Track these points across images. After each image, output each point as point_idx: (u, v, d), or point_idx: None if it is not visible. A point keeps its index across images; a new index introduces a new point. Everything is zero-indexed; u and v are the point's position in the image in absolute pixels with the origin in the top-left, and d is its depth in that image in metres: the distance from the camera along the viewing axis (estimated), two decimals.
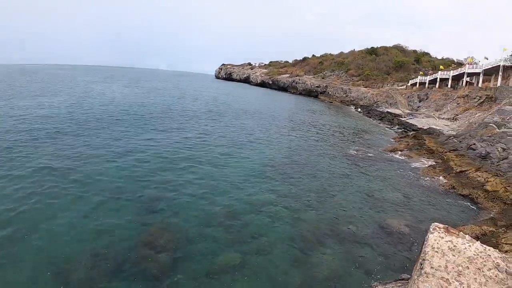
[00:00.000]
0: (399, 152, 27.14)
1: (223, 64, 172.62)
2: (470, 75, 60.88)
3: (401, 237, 11.21)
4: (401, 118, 51.84)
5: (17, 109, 26.60)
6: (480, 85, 56.07)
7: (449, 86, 64.06)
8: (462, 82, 62.01)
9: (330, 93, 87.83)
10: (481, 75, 56.71)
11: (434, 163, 23.62)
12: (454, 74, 64.34)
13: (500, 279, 2.37)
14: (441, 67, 75.32)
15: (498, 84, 49.96)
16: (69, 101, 32.06)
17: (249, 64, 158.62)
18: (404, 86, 79.56)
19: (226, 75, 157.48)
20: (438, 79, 68.05)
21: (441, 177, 20.02)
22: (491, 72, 54.88)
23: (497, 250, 2.73)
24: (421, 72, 79.93)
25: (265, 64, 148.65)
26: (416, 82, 75.76)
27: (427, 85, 70.64)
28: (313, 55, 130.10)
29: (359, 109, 66.81)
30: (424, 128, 39.21)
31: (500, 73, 50.82)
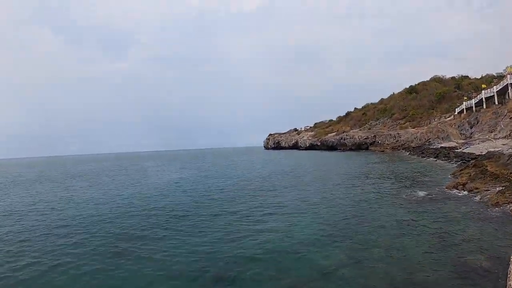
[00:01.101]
0: (462, 185, 25.39)
1: (270, 134, 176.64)
2: None
3: (480, 274, 10.36)
4: (456, 150, 50.31)
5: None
6: None
7: (496, 103, 61.92)
8: (509, 95, 59.92)
9: (379, 142, 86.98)
10: None
11: (501, 188, 21.87)
12: (498, 89, 62.41)
13: None
14: (483, 85, 73.47)
15: None
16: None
17: (295, 129, 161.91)
18: (452, 117, 77.80)
19: (275, 144, 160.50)
20: (483, 99, 66.18)
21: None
22: None
23: None
24: (464, 98, 78.21)
25: (310, 127, 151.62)
26: (463, 109, 73.87)
27: (474, 108, 68.73)
28: (355, 108, 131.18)
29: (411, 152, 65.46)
30: (483, 153, 37.72)
31: None
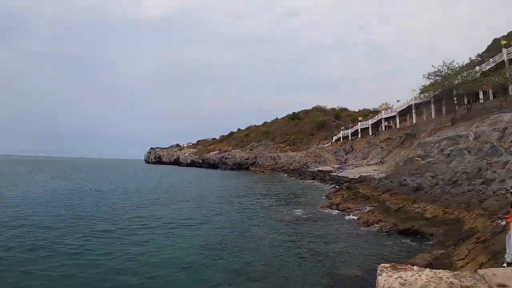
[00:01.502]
0: (335, 205, 26.40)
1: (151, 148, 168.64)
2: (387, 119, 63.30)
3: (353, 285, 11.01)
4: (332, 174, 51.62)
5: None
6: (398, 126, 58.16)
7: (370, 134, 65.85)
8: (382, 127, 63.97)
9: (260, 163, 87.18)
10: (397, 117, 59.10)
11: (371, 207, 23.35)
12: (373, 121, 66.79)
13: None
14: (360, 118, 78.05)
15: (414, 121, 51.89)
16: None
17: (177, 145, 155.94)
18: (329, 143, 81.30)
19: (156, 158, 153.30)
20: (359, 130, 70.13)
21: (381, 219, 19.65)
22: (405, 112, 57.31)
23: (448, 270, 2.74)
24: (342, 127, 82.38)
25: (193, 144, 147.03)
26: (340, 137, 77.78)
27: (350, 137, 72.51)
28: (239, 129, 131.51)
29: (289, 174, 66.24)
30: (356, 177, 38.78)
31: (414, 111, 53.03)
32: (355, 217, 21.93)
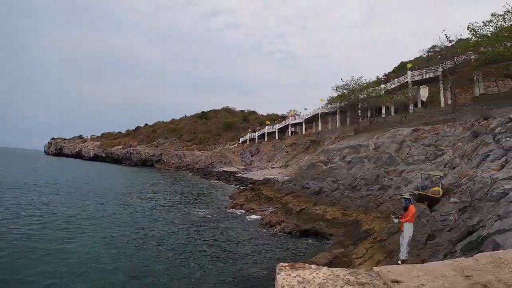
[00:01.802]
0: (239, 206, 26.71)
1: (52, 139, 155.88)
2: (294, 125, 65.34)
3: (256, 283, 11.06)
4: (237, 175, 51.91)
5: None
6: (304, 132, 60.19)
7: (276, 138, 67.40)
8: (288, 133, 65.83)
9: (165, 160, 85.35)
10: (303, 124, 61.30)
11: (274, 209, 23.79)
12: (280, 126, 68.47)
13: None
14: (268, 122, 79.64)
15: (319, 129, 54.06)
16: None
17: (81, 137, 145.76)
18: (236, 145, 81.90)
19: (57, 150, 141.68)
20: (266, 134, 71.43)
21: (284, 220, 19.98)
22: (312, 120, 59.60)
23: (345, 268, 2.69)
24: (249, 130, 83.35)
25: (97, 136, 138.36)
26: (246, 139, 78.61)
27: (256, 140, 73.63)
28: (146, 124, 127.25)
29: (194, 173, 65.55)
30: (260, 179, 39.20)
31: (320, 120, 55.42)
32: (258, 218, 22.16)
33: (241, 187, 38.99)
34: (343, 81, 42.58)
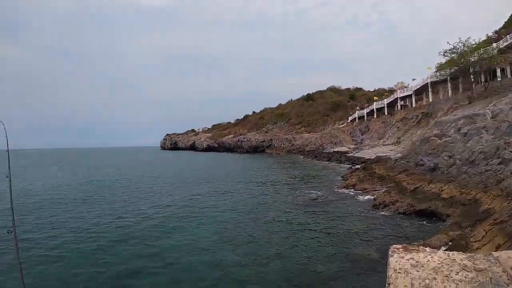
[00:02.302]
0: (351, 186, 26.35)
1: (167, 135, 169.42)
2: (403, 98, 62.50)
3: (368, 265, 10.88)
4: (348, 154, 51.47)
5: None
6: (414, 105, 57.41)
7: (386, 113, 65.13)
8: (397, 107, 63.30)
9: (276, 145, 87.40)
10: (413, 96, 58.31)
11: (387, 188, 22.93)
12: (389, 101, 66.01)
13: (471, 278, 2.31)
14: (375, 98, 77.21)
15: (430, 100, 51.16)
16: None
17: (193, 130, 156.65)
18: (345, 124, 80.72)
19: (172, 144, 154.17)
20: (374, 110, 69.42)
21: (397, 199, 19.30)
22: (421, 91, 56.36)
23: (461, 252, 2.67)
24: (357, 107, 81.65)
25: (208, 129, 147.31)
26: (355, 118, 77.03)
27: (365, 117, 71.78)
28: (254, 112, 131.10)
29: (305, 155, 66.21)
30: (372, 158, 38.59)
31: (430, 90, 52.21)
32: (371, 198, 21.66)
33: (353, 167, 38.36)
34: (450, 44, 39.63)
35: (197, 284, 9.88)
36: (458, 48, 38.60)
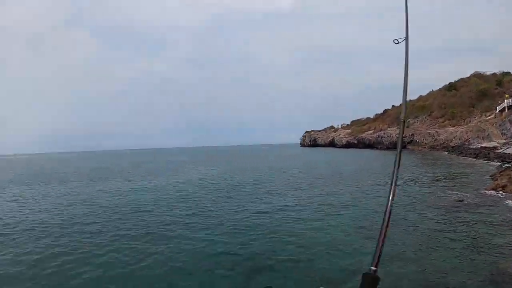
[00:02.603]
0: (501, 188, 24.18)
1: (306, 132, 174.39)
2: None
3: None
4: (497, 151, 49.75)
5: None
6: None
7: None
8: None
9: (417, 140, 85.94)
10: None
11: None
12: None
13: None
14: None
15: None
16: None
17: (332, 127, 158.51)
18: (493, 115, 75.69)
19: (311, 141, 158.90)
20: None
21: None
22: None
23: None
24: (506, 95, 75.68)
25: (347, 125, 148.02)
26: (504, 107, 71.29)
27: None
28: (393, 106, 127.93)
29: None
30: None
31: None
32: None
33: (503, 165, 36.30)
34: None
35: (323, 280, 10.27)
36: None
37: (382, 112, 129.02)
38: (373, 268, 2.23)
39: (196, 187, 32.17)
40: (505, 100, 71.77)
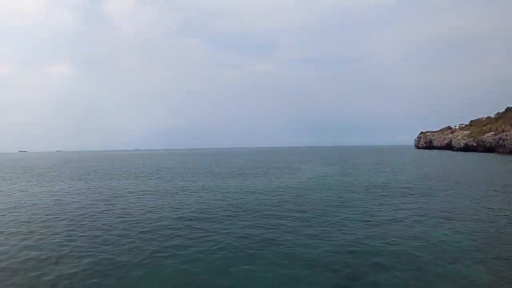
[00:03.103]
0: None
1: (421, 132, 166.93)
2: None
3: None
4: None
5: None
6: None
7: None
8: None
9: None
10: None
11: None
12: None
13: None
14: None
15: None
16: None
17: (449, 127, 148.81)
18: None
19: (426, 143, 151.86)
20: None
21: None
22: None
23: None
24: None
25: (466, 125, 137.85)
26: None
27: None
28: None
29: None
30: None
31: None
32: None
33: None
34: None
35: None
36: None
37: (504, 110, 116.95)
38: None
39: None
40: None
